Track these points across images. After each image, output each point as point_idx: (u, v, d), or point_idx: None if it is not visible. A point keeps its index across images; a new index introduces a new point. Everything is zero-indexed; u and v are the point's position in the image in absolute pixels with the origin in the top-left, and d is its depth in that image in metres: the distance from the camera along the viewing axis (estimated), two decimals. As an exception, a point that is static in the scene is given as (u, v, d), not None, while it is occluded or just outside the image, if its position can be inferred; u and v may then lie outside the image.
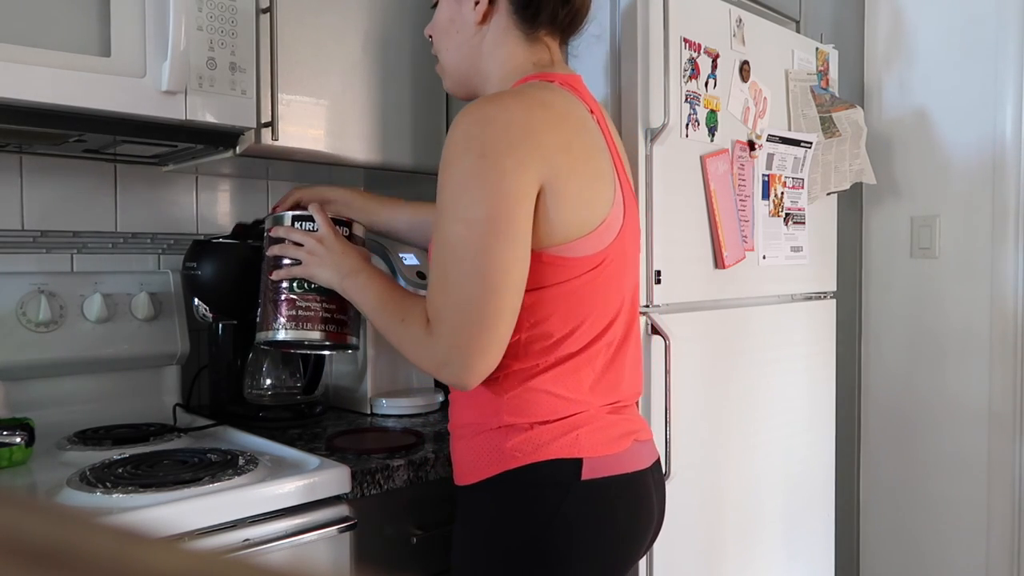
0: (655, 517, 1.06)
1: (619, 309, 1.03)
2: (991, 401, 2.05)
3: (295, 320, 1.11)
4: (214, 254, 1.43)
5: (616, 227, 0.99)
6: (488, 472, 0.98)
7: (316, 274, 1.10)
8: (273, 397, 1.52)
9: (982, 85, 2.06)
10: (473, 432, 1.01)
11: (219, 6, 1.24)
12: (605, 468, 0.97)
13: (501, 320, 0.90)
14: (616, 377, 1.03)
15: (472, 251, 0.89)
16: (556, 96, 0.98)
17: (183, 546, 0.21)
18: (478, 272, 0.89)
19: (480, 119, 0.92)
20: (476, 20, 1.04)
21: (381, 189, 1.85)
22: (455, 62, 1.09)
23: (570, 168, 0.93)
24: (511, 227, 0.89)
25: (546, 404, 0.96)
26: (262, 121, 1.33)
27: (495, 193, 0.89)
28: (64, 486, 1.02)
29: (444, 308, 0.92)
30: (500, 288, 0.89)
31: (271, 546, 1.01)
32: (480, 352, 0.90)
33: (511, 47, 1.04)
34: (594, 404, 0.99)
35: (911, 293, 2.21)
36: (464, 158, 0.91)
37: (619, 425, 1.01)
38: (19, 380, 1.33)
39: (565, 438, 0.96)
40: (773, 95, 1.68)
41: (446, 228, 0.91)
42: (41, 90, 1.08)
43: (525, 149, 0.90)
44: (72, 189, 1.49)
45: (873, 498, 2.29)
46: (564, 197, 0.92)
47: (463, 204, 0.90)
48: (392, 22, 1.55)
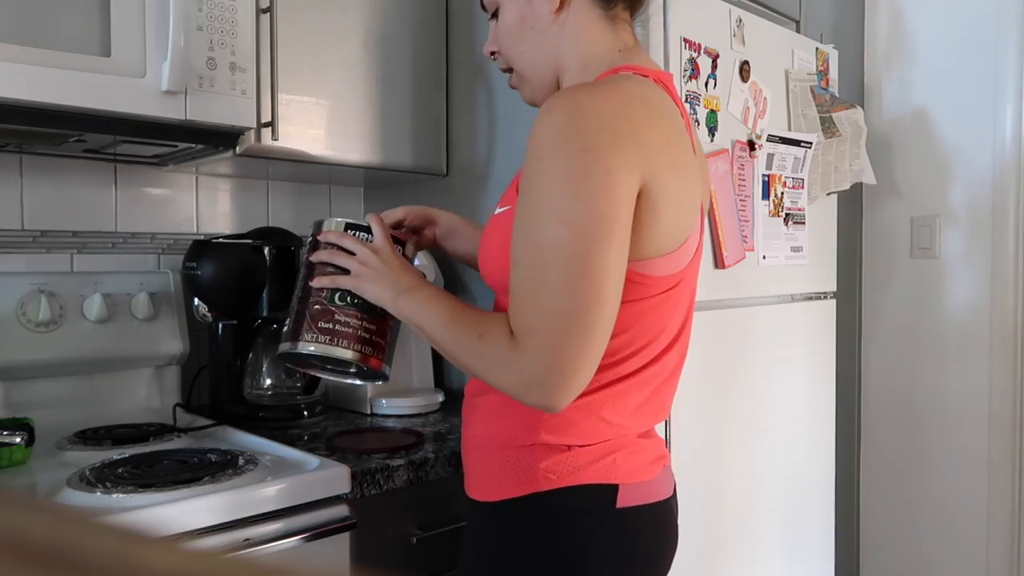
0: (676, 545, 1.00)
1: (679, 334, 0.96)
2: (991, 401, 2.05)
3: (329, 334, 0.97)
4: (214, 254, 1.43)
5: (694, 248, 0.92)
6: (514, 491, 0.91)
7: (366, 288, 0.96)
8: (273, 397, 1.52)
9: (982, 85, 2.06)
10: (498, 445, 0.93)
11: (219, 6, 1.24)
12: (640, 496, 0.91)
13: (601, 334, 0.81)
14: (660, 403, 0.96)
15: (572, 255, 0.79)
16: (653, 92, 0.89)
17: (183, 546, 0.21)
18: (581, 279, 0.79)
19: (577, 108, 0.81)
20: (552, 9, 0.94)
21: (381, 189, 1.86)
22: (534, 64, 0.98)
23: (669, 173, 0.85)
24: (617, 230, 0.80)
25: (589, 426, 0.89)
26: (262, 121, 1.33)
27: (602, 191, 0.79)
28: (64, 486, 1.01)
29: (537, 319, 0.81)
30: (603, 298, 0.80)
31: (271, 546, 1.01)
32: (577, 370, 0.80)
33: (593, 31, 0.95)
34: (632, 429, 0.93)
35: (911, 293, 2.21)
36: (563, 150, 0.80)
37: (651, 450, 0.95)
38: (19, 380, 1.33)
39: (602, 462, 0.89)
40: (773, 95, 1.68)
41: (540, 229, 0.81)
42: (41, 90, 1.08)
43: (630, 146, 0.81)
44: (72, 189, 1.49)
45: (873, 498, 2.29)
46: (660, 202, 0.84)
47: (564, 203, 0.79)
48: (392, 22, 1.55)
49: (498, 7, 0.99)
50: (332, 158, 1.48)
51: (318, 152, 1.45)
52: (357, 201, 1.90)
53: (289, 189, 1.78)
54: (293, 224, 1.73)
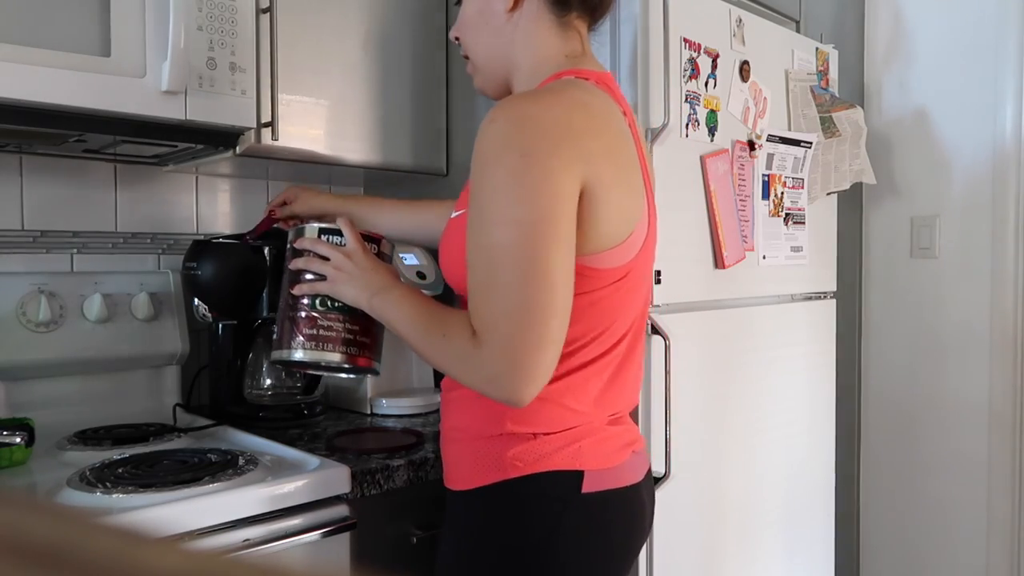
0: (647, 530, 1.04)
1: (633, 321, 1.00)
2: (991, 401, 2.05)
3: (315, 340, 1.02)
4: (214, 254, 1.43)
5: (642, 239, 0.96)
6: (485, 480, 0.95)
7: (342, 291, 1.01)
8: (273, 397, 1.52)
9: (982, 85, 2.06)
10: (470, 437, 0.97)
11: (219, 6, 1.24)
12: (605, 481, 0.95)
13: (557, 326, 0.85)
14: (620, 388, 1.00)
15: (521, 254, 0.83)
16: (595, 98, 0.93)
17: (183, 546, 0.21)
18: (529, 275, 0.83)
19: (519, 117, 0.87)
20: (507, 8, 0.99)
21: (381, 189, 1.85)
22: (486, 57, 1.04)
23: (610, 176, 0.89)
24: (560, 228, 0.84)
25: (552, 415, 0.93)
26: (262, 121, 1.33)
27: (542, 193, 0.83)
28: (64, 486, 1.01)
29: (492, 317, 0.85)
30: (554, 292, 0.84)
31: (271, 546, 1.01)
32: (536, 363, 0.84)
33: (543, 35, 1.00)
34: (597, 416, 0.97)
35: (911, 293, 2.21)
36: (504, 157, 0.85)
37: (619, 437, 0.99)
38: (19, 380, 1.33)
39: (567, 449, 0.93)
40: (773, 95, 1.68)
41: (489, 232, 0.85)
42: (41, 90, 1.08)
43: (569, 151, 0.86)
44: (72, 189, 1.49)
45: (873, 498, 2.29)
46: (602, 205, 0.88)
47: (506, 205, 0.84)
48: (392, 22, 1.55)
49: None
50: (332, 158, 1.48)
51: (318, 152, 1.45)
52: (357, 201, 1.90)
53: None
54: (293, 224, 1.73)
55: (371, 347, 1.06)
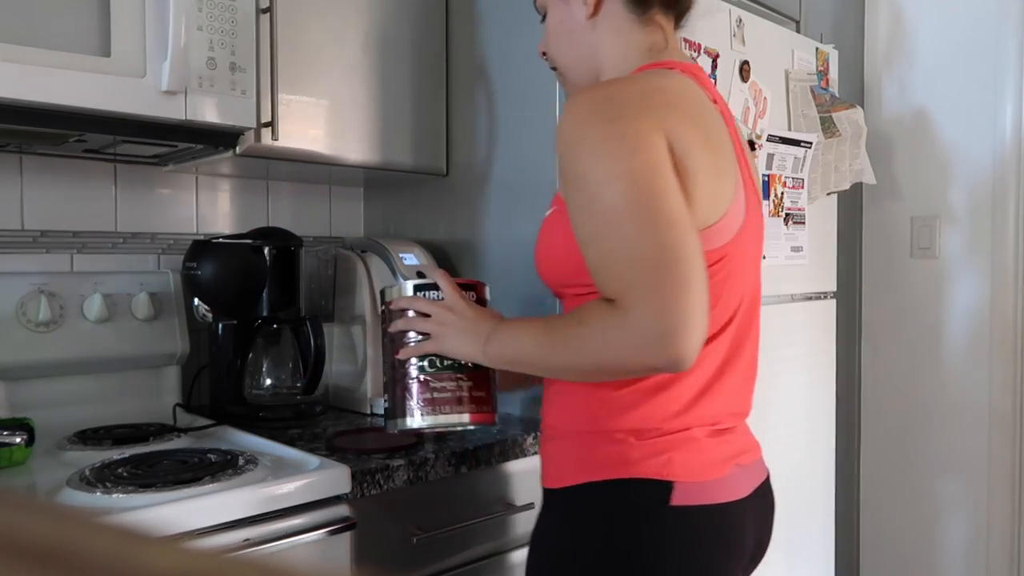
0: (748, 549, 0.96)
1: (733, 316, 0.94)
2: (991, 401, 2.05)
3: (431, 404, 0.98)
4: (214, 254, 1.43)
5: (736, 226, 0.92)
6: (573, 479, 0.92)
7: (451, 348, 0.97)
8: (273, 397, 1.52)
9: (982, 85, 2.06)
10: (563, 434, 0.95)
11: (219, 6, 1.24)
12: (697, 496, 0.89)
13: (698, 270, 0.80)
14: (722, 393, 0.94)
15: (639, 203, 0.80)
16: (674, 82, 0.93)
17: (183, 546, 0.21)
18: (656, 222, 0.79)
19: (595, 97, 0.87)
20: (587, 14, 1.00)
21: (381, 189, 1.86)
22: (572, 63, 1.04)
23: (697, 144, 0.86)
24: (666, 176, 0.82)
25: (643, 415, 0.89)
26: (262, 121, 1.33)
27: (640, 146, 0.82)
28: (64, 486, 1.01)
29: (632, 275, 0.80)
30: (683, 233, 0.80)
31: (271, 546, 1.01)
32: (690, 310, 0.78)
33: (625, 33, 1.00)
34: (695, 421, 0.91)
35: (911, 293, 2.21)
36: (592, 129, 0.84)
37: (719, 449, 0.93)
38: (19, 380, 1.33)
39: (658, 458, 0.88)
40: (773, 95, 1.68)
41: (599, 198, 0.82)
42: (41, 90, 1.08)
43: (653, 117, 0.85)
44: (72, 189, 1.49)
45: (873, 498, 2.29)
46: (692, 173, 0.85)
47: (609, 166, 0.82)
48: (392, 22, 1.55)
49: (546, 11, 1.06)
50: (332, 158, 1.48)
51: (318, 152, 1.45)
52: (357, 201, 1.90)
53: (289, 189, 1.78)
54: (293, 224, 1.73)
55: (487, 400, 1.02)
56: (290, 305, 1.49)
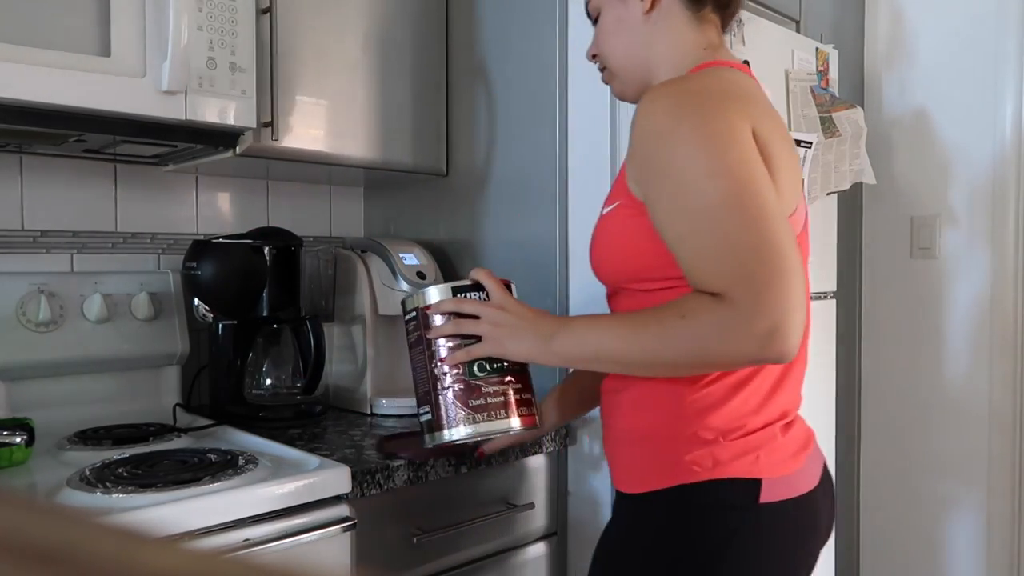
0: (824, 532, 0.98)
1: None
2: (991, 401, 2.05)
3: (484, 410, 0.93)
4: (214, 254, 1.43)
5: (801, 219, 0.93)
6: (659, 484, 0.91)
7: (511, 349, 0.93)
8: (273, 397, 1.52)
9: (982, 85, 2.06)
10: (644, 438, 0.94)
11: (219, 6, 1.24)
12: (783, 490, 0.90)
13: (795, 256, 0.81)
14: (789, 386, 0.96)
15: (741, 200, 0.81)
16: (740, 78, 0.95)
17: (183, 546, 0.21)
18: (758, 217, 0.80)
19: (678, 91, 0.88)
20: (644, 11, 1.00)
21: (381, 189, 1.86)
22: (625, 62, 1.04)
23: (775, 133, 0.88)
24: (761, 169, 0.83)
25: (729, 414, 0.89)
26: (262, 121, 1.33)
27: (734, 140, 0.83)
28: (64, 486, 1.01)
29: (738, 269, 0.80)
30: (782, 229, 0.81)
31: (271, 546, 1.01)
32: (796, 304, 0.79)
33: (680, 30, 1.00)
34: (772, 416, 0.93)
35: (911, 293, 2.21)
36: (682, 122, 0.84)
37: (793, 442, 0.94)
38: (19, 380, 1.33)
39: (747, 457, 0.89)
40: (773, 95, 1.67)
41: (699, 193, 0.82)
42: (41, 90, 1.08)
43: (735, 108, 0.86)
44: (72, 189, 1.49)
45: (873, 498, 2.29)
46: (775, 160, 0.87)
47: (708, 161, 0.82)
48: (392, 22, 1.55)
49: (600, 12, 1.06)
50: (332, 157, 1.48)
51: (318, 152, 1.45)
52: (357, 201, 1.90)
53: (289, 189, 1.78)
54: (293, 224, 1.73)
55: (533, 402, 0.99)
56: (290, 305, 1.49)
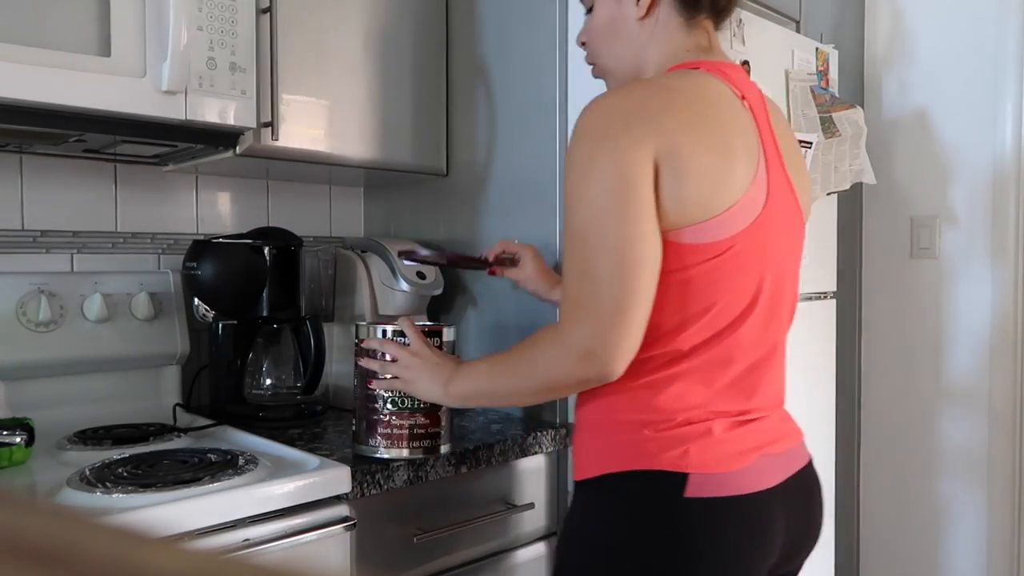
0: (777, 540, 0.94)
1: (749, 307, 0.94)
2: (991, 401, 2.05)
3: (388, 439, 1.15)
4: (214, 254, 1.43)
5: (749, 217, 0.91)
6: (592, 471, 0.94)
7: (416, 390, 1.10)
8: (273, 397, 1.52)
9: (982, 85, 2.06)
10: (583, 426, 0.98)
11: (219, 6, 1.24)
12: (714, 488, 0.89)
13: (640, 295, 0.86)
14: (754, 384, 0.95)
15: (600, 231, 0.87)
16: (688, 80, 0.95)
17: (183, 546, 0.21)
18: (609, 250, 0.86)
19: (600, 107, 0.91)
20: (639, 15, 1.00)
21: (381, 189, 1.86)
22: (616, 63, 1.05)
23: (691, 151, 0.88)
24: (635, 202, 0.86)
25: (658, 403, 0.91)
26: (262, 121, 1.33)
27: (614, 170, 0.86)
28: (64, 486, 1.01)
29: (581, 295, 0.88)
30: (635, 261, 0.86)
31: (271, 546, 1.01)
32: (624, 330, 0.86)
33: (672, 35, 1.01)
34: (717, 413, 0.92)
35: (911, 293, 2.21)
36: (582, 146, 0.90)
37: (743, 440, 0.93)
38: (19, 380, 1.33)
39: (674, 451, 0.90)
40: (773, 95, 1.67)
41: (571, 216, 0.90)
42: (41, 90, 1.08)
43: (640, 128, 0.88)
44: (72, 189, 1.49)
45: (873, 498, 2.29)
46: (683, 175, 0.88)
47: (583, 188, 0.88)
48: (393, 22, 1.55)
49: (593, 5, 1.05)
50: (332, 157, 1.48)
51: (318, 152, 1.45)
52: (357, 201, 1.90)
53: (289, 189, 1.78)
54: (293, 224, 1.73)
55: (440, 435, 1.18)
56: (290, 305, 1.49)
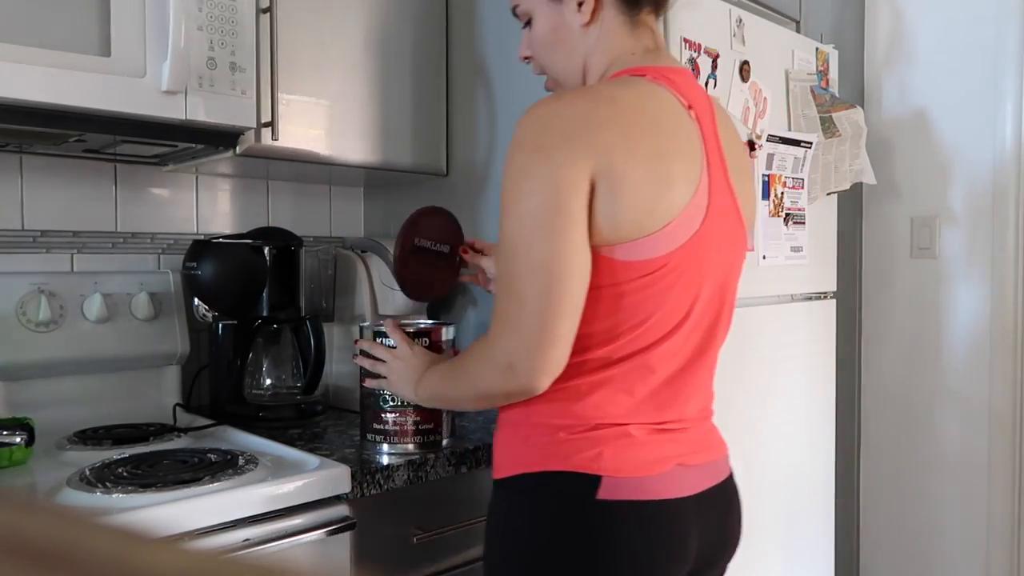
0: (691, 550, 0.95)
1: (682, 321, 0.94)
2: (991, 401, 2.05)
3: (383, 435, 1.21)
4: (214, 254, 1.43)
5: (686, 233, 0.91)
6: (509, 471, 0.95)
7: (395, 390, 1.15)
8: (273, 397, 1.52)
9: (982, 85, 2.06)
10: (501, 425, 0.99)
11: (219, 6, 1.24)
12: (626, 491, 0.90)
13: (564, 311, 0.86)
14: (673, 395, 0.95)
15: (528, 243, 0.86)
16: (631, 90, 0.93)
17: (183, 546, 0.21)
18: (536, 264, 0.86)
19: (540, 116, 0.90)
20: (583, 22, 0.99)
21: (381, 189, 1.86)
22: (566, 70, 1.03)
23: (630, 168, 0.87)
24: (565, 217, 0.85)
25: (576, 409, 0.92)
26: (262, 121, 1.33)
27: (546, 185, 0.86)
28: (64, 486, 1.01)
29: (507, 308, 0.88)
30: (560, 278, 0.85)
31: (271, 546, 1.01)
32: (546, 345, 0.86)
33: (617, 36, 0.99)
34: (635, 421, 0.92)
35: (911, 293, 2.21)
36: (518, 155, 0.89)
37: (659, 447, 0.93)
38: (19, 380, 1.33)
39: (588, 453, 0.90)
40: (773, 95, 1.68)
41: (502, 227, 0.89)
42: (41, 90, 1.08)
43: (579, 142, 0.87)
44: (72, 189, 1.49)
45: (873, 498, 2.29)
46: (619, 194, 0.87)
47: (514, 200, 0.88)
48: (393, 22, 1.55)
49: (531, 17, 1.04)
50: (332, 158, 1.48)
51: (318, 152, 1.45)
52: (357, 201, 1.90)
53: (289, 189, 1.78)
54: (293, 224, 1.73)
55: (436, 429, 1.23)
56: (290, 305, 1.49)
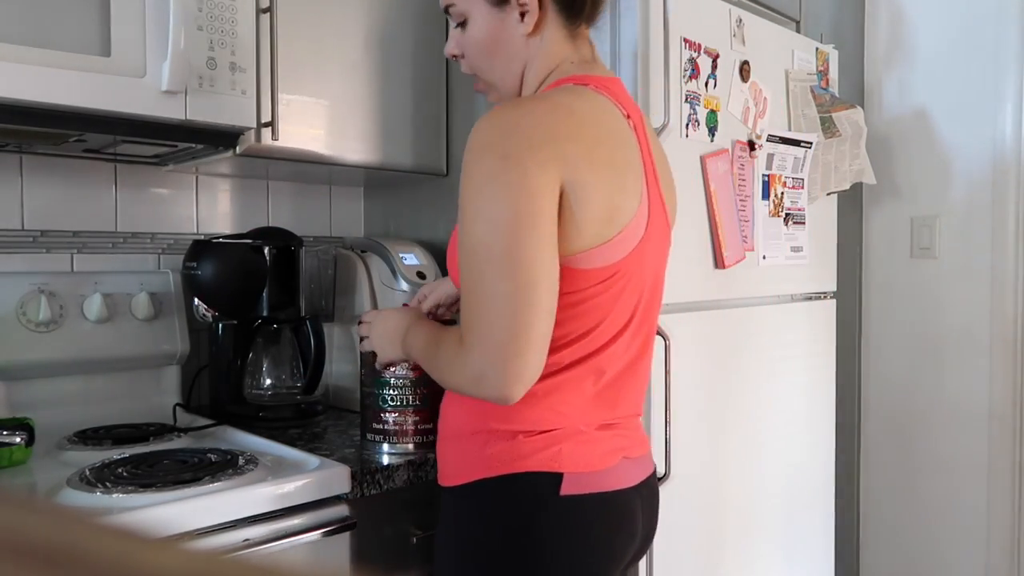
0: (639, 535, 1.02)
1: (627, 324, 0.97)
2: (991, 401, 2.05)
3: (382, 435, 1.20)
4: (214, 254, 1.43)
5: (634, 240, 0.94)
6: (466, 477, 0.96)
7: (382, 352, 1.13)
8: (273, 397, 1.52)
9: (982, 85, 2.06)
10: (455, 434, 0.99)
11: (219, 6, 1.24)
12: (586, 485, 0.94)
13: (537, 319, 0.85)
14: (617, 394, 0.99)
15: (498, 250, 0.85)
16: (585, 102, 0.94)
17: (183, 546, 0.21)
18: (507, 271, 0.84)
19: (501, 122, 0.89)
20: (525, 32, 0.98)
21: (381, 189, 1.86)
22: (504, 76, 1.02)
23: (592, 178, 0.89)
24: (538, 223, 0.85)
25: (535, 415, 0.93)
26: (262, 121, 1.33)
27: (519, 192, 0.84)
28: (64, 486, 1.02)
29: (476, 316, 0.87)
30: (533, 285, 0.84)
31: (271, 546, 1.01)
32: (517, 356, 0.85)
33: (556, 46, 1.00)
34: (585, 419, 0.96)
35: (911, 293, 2.21)
36: (484, 161, 0.87)
37: (607, 441, 0.97)
38: (19, 380, 1.33)
39: (548, 451, 0.93)
40: (773, 95, 1.68)
41: (472, 234, 0.87)
42: (41, 90, 1.08)
43: (547, 153, 0.87)
44: (72, 189, 1.49)
45: (873, 498, 2.29)
46: (582, 206, 0.88)
47: (486, 205, 0.86)
48: (393, 22, 1.55)
49: (467, 19, 1.01)
50: (332, 158, 1.48)
51: (318, 152, 1.45)
52: (357, 201, 1.90)
53: (289, 189, 1.78)
54: (293, 224, 1.73)
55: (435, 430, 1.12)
56: (290, 305, 1.49)
